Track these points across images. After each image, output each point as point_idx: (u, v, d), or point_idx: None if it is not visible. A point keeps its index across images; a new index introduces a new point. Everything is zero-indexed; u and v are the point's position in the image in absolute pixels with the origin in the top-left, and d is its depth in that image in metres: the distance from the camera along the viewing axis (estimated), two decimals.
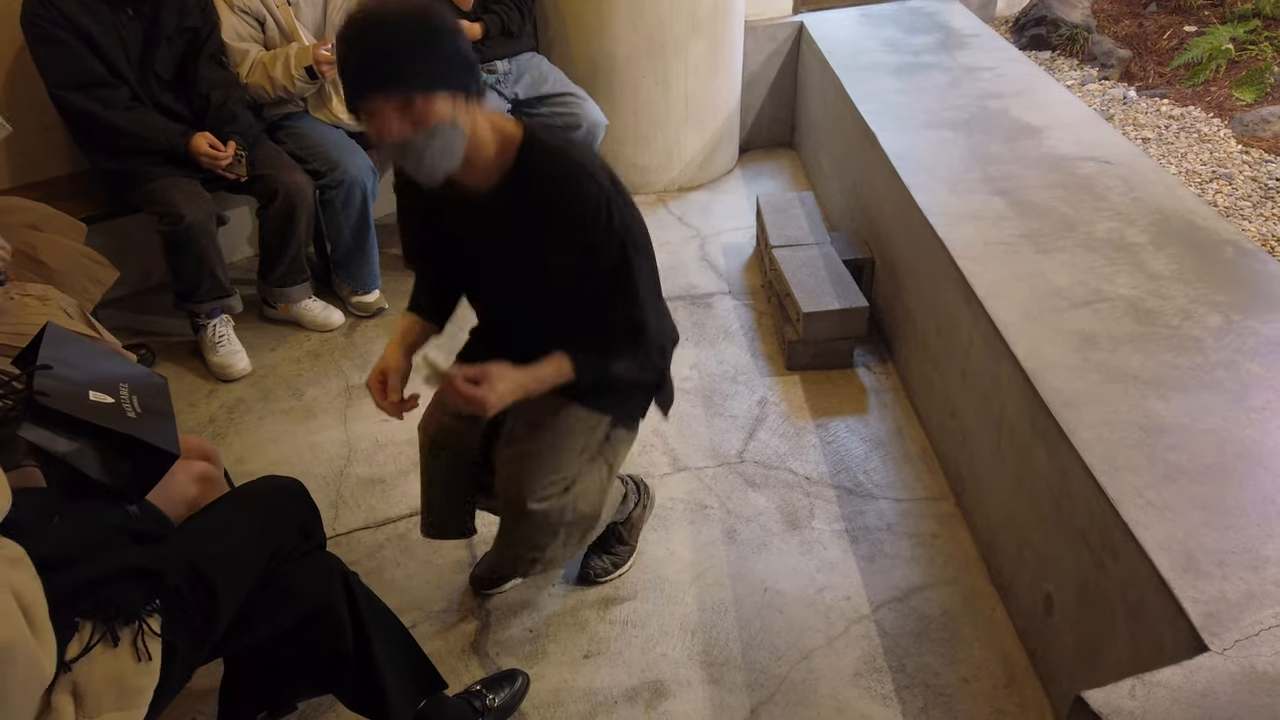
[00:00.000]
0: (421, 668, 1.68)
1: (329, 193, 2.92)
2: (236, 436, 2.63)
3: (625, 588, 2.10)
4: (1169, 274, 2.04)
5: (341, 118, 2.98)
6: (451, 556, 2.20)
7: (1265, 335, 1.84)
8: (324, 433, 2.63)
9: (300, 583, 1.53)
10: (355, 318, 3.13)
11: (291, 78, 2.82)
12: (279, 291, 3.01)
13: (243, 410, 2.73)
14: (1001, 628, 1.95)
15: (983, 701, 1.81)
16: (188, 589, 1.36)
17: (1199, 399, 1.68)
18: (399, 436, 2.59)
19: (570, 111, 3.31)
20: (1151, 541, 1.39)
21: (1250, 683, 1.16)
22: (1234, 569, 1.34)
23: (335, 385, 2.82)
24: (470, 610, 2.07)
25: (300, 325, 3.07)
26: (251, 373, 2.88)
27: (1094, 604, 1.58)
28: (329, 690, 1.73)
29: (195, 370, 2.90)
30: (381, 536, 2.27)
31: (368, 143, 3.05)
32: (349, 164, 2.90)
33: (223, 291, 2.83)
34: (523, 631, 2.01)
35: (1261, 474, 1.51)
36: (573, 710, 1.84)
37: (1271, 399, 1.67)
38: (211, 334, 2.87)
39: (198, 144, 2.67)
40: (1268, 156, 3.68)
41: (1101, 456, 1.56)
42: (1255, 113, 3.91)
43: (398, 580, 2.15)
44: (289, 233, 2.87)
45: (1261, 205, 3.36)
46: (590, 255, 1.54)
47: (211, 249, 2.73)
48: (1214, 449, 1.56)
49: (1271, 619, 1.25)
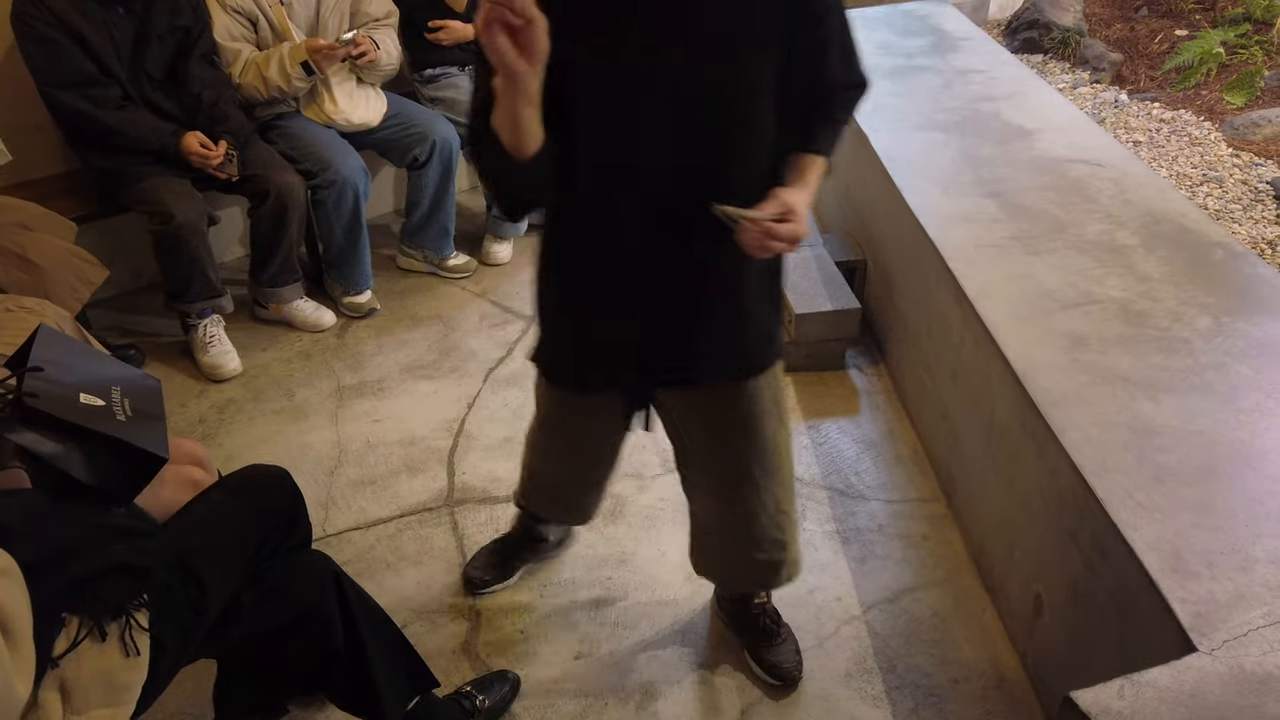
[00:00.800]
0: (414, 666, 1.68)
1: (321, 193, 2.91)
2: (227, 437, 2.62)
3: (616, 589, 2.10)
4: (1159, 276, 2.04)
5: (333, 118, 2.97)
6: (442, 557, 2.20)
7: (1254, 337, 1.84)
8: (315, 433, 2.62)
9: (291, 581, 1.52)
10: (347, 318, 3.12)
11: (288, 76, 2.81)
12: (270, 292, 3.00)
13: (233, 411, 2.73)
14: (992, 629, 1.96)
15: (973, 702, 1.81)
16: (176, 583, 1.36)
17: (1188, 400, 1.68)
18: (390, 437, 2.58)
19: None
20: (1141, 542, 1.40)
21: (1238, 683, 1.17)
22: (1223, 570, 1.34)
23: (326, 386, 2.81)
24: (461, 611, 2.06)
25: (292, 326, 3.07)
26: (242, 373, 2.87)
27: (1084, 605, 1.58)
28: (320, 690, 1.72)
29: (185, 370, 2.89)
30: (372, 537, 2.27)
31: (360, 143, 3.05)
32: (341, 164, 2.90)
33: (214, 291, 2.82)
34: (514, 632, 2.01)
35: (1250, 475, 1.51)
36: (563, 711, 1.84)
37: (1260, 401, 1.68)
38: (202, 334, 2.86)
39: (189, 143, 2.66)
40: (1258, 160, 3.70)
41: (1091, 457, 1.56)
42: (1245, 116, 3.93)
43: (388, 581, 2.14)
44: (280, 233, 2.86)
45: (1251, 208, 3.38)
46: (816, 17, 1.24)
47: (202, 249, 2.72)
48: (1203, 450, 1.57)
49: (1260, 620, 1.26)
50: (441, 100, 3.21)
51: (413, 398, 2.74)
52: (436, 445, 2.55)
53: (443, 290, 3.26)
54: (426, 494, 2.39)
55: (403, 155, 3.09)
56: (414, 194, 3.17)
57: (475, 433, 2.59)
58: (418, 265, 3.33)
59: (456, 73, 3.24)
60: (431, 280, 3.31)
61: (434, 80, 3.24)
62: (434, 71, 3.24)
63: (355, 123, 3.01)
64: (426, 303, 3.20)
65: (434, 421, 2.64)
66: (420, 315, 3.13)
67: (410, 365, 2.88)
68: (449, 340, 3.00)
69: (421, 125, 3.06)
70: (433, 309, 3.16)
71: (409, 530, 2.28)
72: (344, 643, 1.54)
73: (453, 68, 3.24)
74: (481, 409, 2.68)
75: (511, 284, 3.27)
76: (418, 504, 2.36)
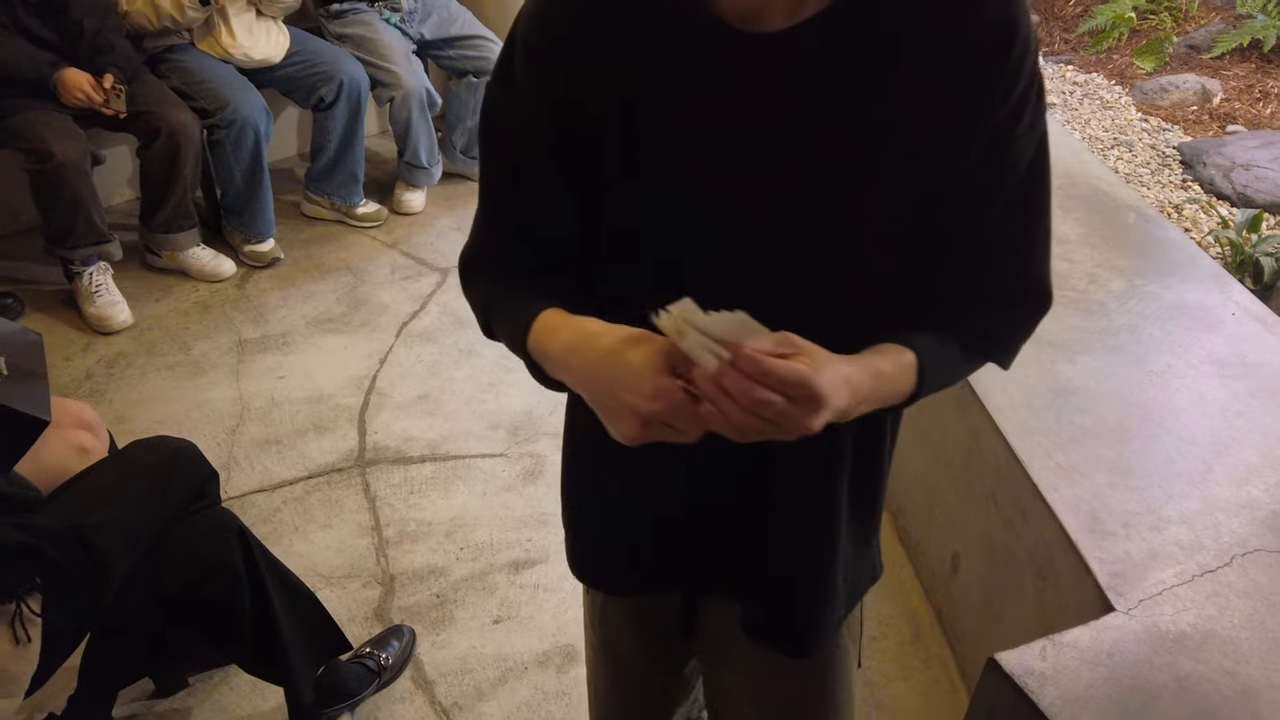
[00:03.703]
0: (324, 627, 1.63)
1: (218, 133, 2.73)
2: (117, 393, 2.46)
3: (536, 550, 2.05)
4: (1075, 238, 2.07)
5: (231, 52, 2.78)
6: (352, 519, 2.11)
7: (1166, 300, 1.88)
8: (214, 390, 2.48)
9: (193, 540, 1.45)
10: (248, 268, 2.95)
11: (181, 5, 2.63)
12: (163, 238, 2.82)
13: (124, 365, 2.56)
14: (909, 586, 1.98)
15: (889, 658, 1.84)
16: (72, 562, 1.27)
17: (1104, 362, 1.71)
18: (296, 395, 2.46)
19: (481, 55, 3.17)
20: (1060, 503, 1.41)
21: (1154, 641, 1.19)
22: (1138, 530, 1.37)
23: (226, 340, 2.66)
24: (374, 575, 1.99)
25: (187, 275, 2.88)
26: (133, 325, 2.69)
27: (1001, 564, 1.61)
28: (226, 656, 1.65)
29: (70, 322, 2.70)
30: (278, 500, 2.16)
31: (260, 80, 2.86)
32: (240, 102, 2.71)
33: (100, 237, 2.63)
34: (429, 597, 1.95)
35: (1163, 436, 1.54)
36: (481, 677, 1.80)
37: (1171, 362, 1.71)
38: (88, 283, 2.66)
39: (74, 81, 2.45)
40: (1165, 125, 3.80)
41: (1013, 419, 1.57)
42: (1155, 81, 4.03)
43: (296, 545, 2.05)
44: (173, 175, 2.67)
45: (1159, 172, 3.47)
46: (1001, 148, 0.76)
47: (86, 190, 2.52)
48: (1118, 411, 1.59)
49: (1173, 578, 1.28)
50: (349, 38, 3.03)
51: (320, 353, 2.62)
52: (346, 403, 2.44)
53: (351, 240, 3.11)
54: (336, 454, 2.29)
55: (307, 95, 2.92)
56: (319, 137, 3.00)
57: (387, 390, 2.49)
58: (324, 213, 3.16)
59: (365, 8, 3.06)
60: (339, 229, 3.15)
61: (340, 16, 3.05)
62: (340, 6, 3.05)
63: (255, 58, 2.82)
64: (334, 253, 3.05)
65: (343, 378, 2.53)
66: (327, 266, 2.98)
67: (317, 318, 2.75)
68: (358, 293, 2.87)
69: (327, 64, 2.89)
70: (340, 259, 3.01)
71: (317, 492, 2.18)
72: (251, 603, 1.47)
73: (361, 3, 3.06)
74: (394, 365, 2.58)
75: (425, 234, 3.14)
76: (326, 464, 2.26)
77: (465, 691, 1.77)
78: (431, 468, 2.26)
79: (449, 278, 2.87)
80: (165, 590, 1.43)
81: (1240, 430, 1.55)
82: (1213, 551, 1.33)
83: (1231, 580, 1.28)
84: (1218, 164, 3.38)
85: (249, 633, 1.50)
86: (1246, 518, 1.38)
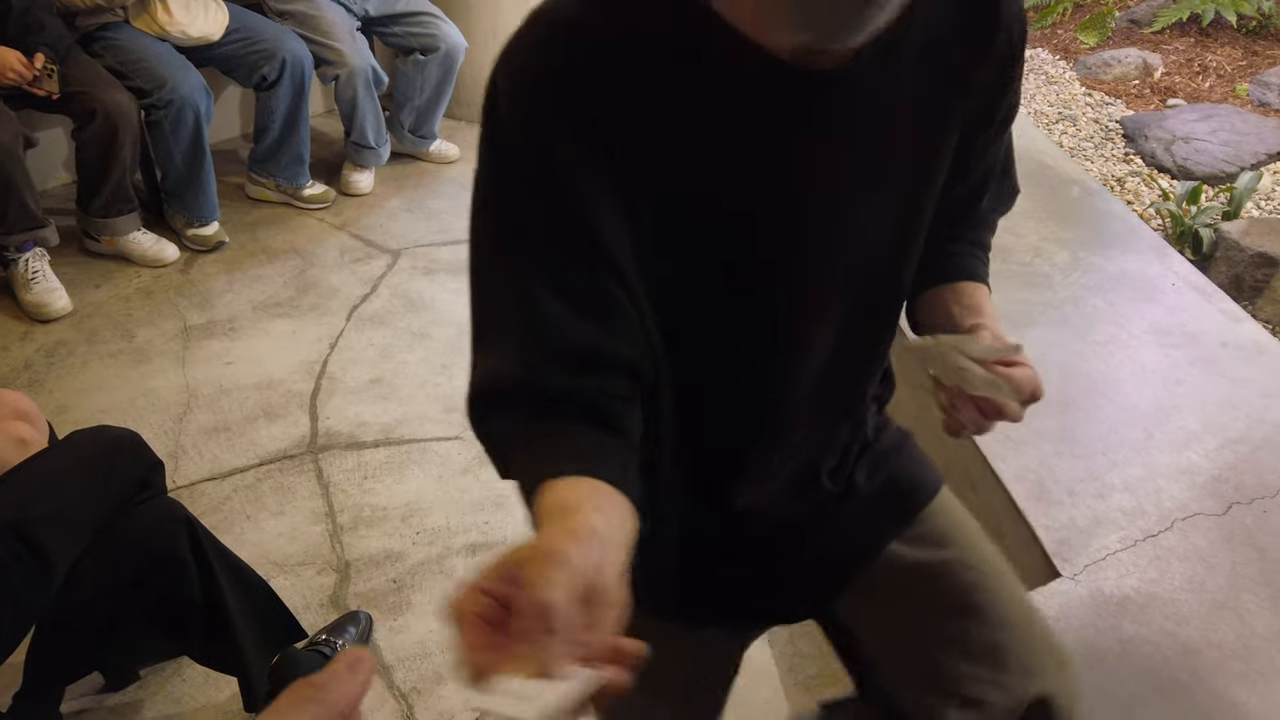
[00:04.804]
0: (278, 615, 1.60)
1: (156, 114, 2.65)
2: (57, 383, 2.39)
3: (494, 533, 2.04)
4: (1020, 211, 2.08)
5: (168, 29, 2.70)
6: (305, 506, 2.08)
7: (1108, 271, 1.92)
8: (159, 377, 2.42)
9: (139, 531, 1.42)
10: (192, 252, 2.88)
11: None
12: (102, 223, 2.73)
13: (64, 354, 2.49)
14: None
15: None
16: (10, 558, 1.23)
17: (1049, 334, 1.74)
18: (244, 381, 2.42)
19: (427, 32, 3.11)
20: (1009, 472, 1.44)
21: (1098, 605, 1.22)
22: (1082, 497, 1.40)
23: (171, 326, 2.60)
24: (329, 563, 1.97)
25: (129, 260, 2.81)
26: (73, 312, 2.61)
27: None
28: (177, 648, 1.63)
29: (6, 310, 2.61)
30: (228, 488, 2.13)
31: (199, 58, 2.78)
32: (179, 82, 2.64)
33: (35, 222, 2.54)
34: (385, 582, 1.93)
35: (1106, 405, 1.58)
36: (439, 661, 1.79)
37: (1114, 333, 1.75)
38: (24, 270, 2.58)
39: (3, 61, 2.37)
40: (1108, 99, 3.86)
41: None
42: (1098, 56, 4.09)
43: (248, 534, 2.01)
44: (110, 158, 2.59)
45: (1103, 146, 3.53)
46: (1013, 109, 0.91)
47: (19, 174, 2.44)
48: (1063, 381, 1.63)
49: (1116, 544, 1.32)
50: (291, 14, 2.96)
51: (269, 338, 2.57)
52: (297, 389, 2.40)
53: (298, 222, 3.05)
54: (287, 441, 2.25)
55: (249, 74, 2.84)
56: (263, 117, 2.93)
57: (339, 375, 2.45)
58: (270, 195, 3.10)
59: None
60: (285, 211, 3.09)
61: None
62: None
63: (193, 36, 2.74)
64: (280, 235, 2.99)
65: (293, 363, 2.48)
66: (274, 249, 2.92)
67: (264, 303, 2.70)
68: (307, 276, 2.81)
69: (269, 41, 2.82)
70: (288, 242, 2.96)
71: (269, 480, 2.15)
72: (201, 593, 1.45)
73: None
74: (345, 349, 2.54)
75: (374, 215, 3.09)
76: (277, 451, 2.22)
77: (424, 676, 1.76)
78: (385, 452, 2.23)
79: (399, 259, 2.83)
80: (112, 583, 1.40)
81: (1180, 398, 1.59)
82: (1154, 516, 1.36)
83: (1172, 544, 1.32)
84: (1159, 137, 3.44)
85: (200, 623, 1.47)
86: (1186, 483, 1.42)
